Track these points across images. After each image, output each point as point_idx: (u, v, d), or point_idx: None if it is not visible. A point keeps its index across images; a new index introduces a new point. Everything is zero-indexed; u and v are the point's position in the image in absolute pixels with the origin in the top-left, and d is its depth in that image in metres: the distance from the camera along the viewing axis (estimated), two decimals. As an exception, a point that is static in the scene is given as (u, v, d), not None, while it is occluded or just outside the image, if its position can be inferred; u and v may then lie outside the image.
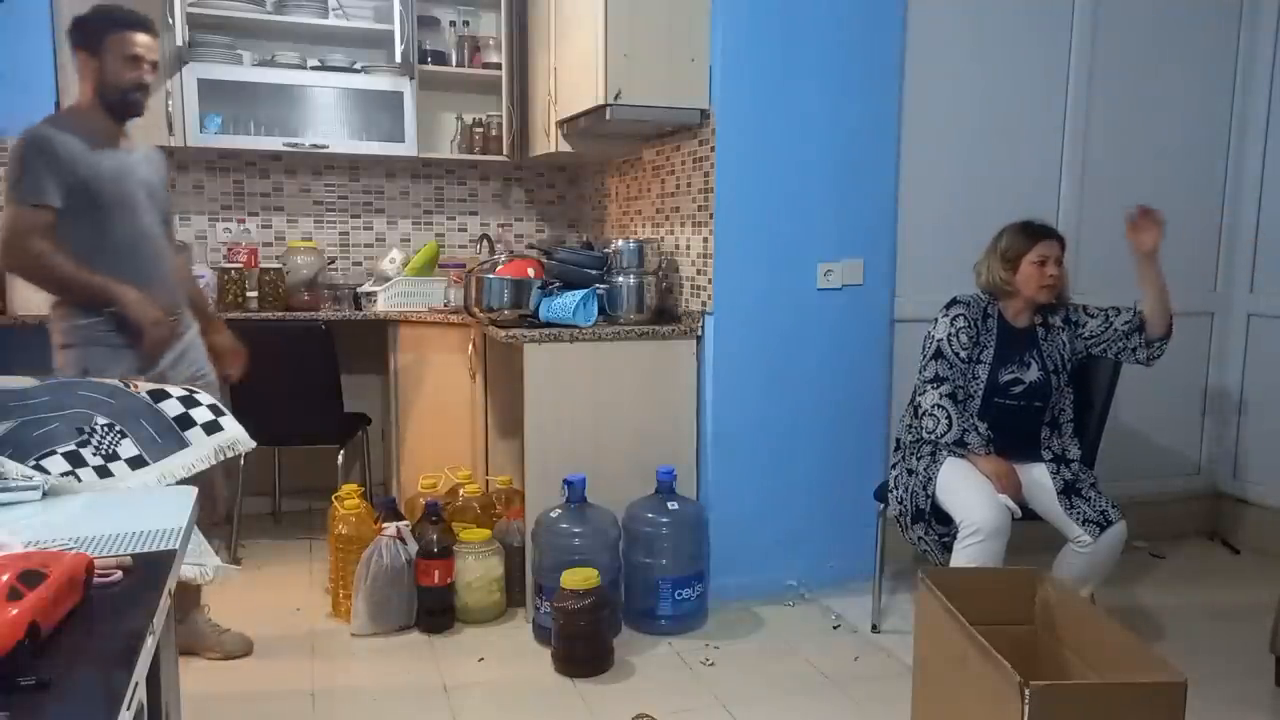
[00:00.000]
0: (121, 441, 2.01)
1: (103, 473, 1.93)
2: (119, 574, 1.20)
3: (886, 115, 3.21)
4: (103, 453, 1.97)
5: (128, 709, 0.89)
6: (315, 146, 3.87)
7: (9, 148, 2.45)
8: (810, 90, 3.09)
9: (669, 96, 3.02)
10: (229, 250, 4.06)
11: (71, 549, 1.23)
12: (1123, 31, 3.52)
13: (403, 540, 2.96)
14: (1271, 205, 3.71)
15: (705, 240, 3.12)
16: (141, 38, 2.49)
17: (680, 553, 2.94)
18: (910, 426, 2.81)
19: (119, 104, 2.50)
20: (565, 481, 2.89)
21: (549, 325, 3.07)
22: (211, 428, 2.22)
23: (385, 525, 2.99)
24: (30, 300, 3.43)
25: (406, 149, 3.97)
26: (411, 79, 3.94)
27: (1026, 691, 1.56)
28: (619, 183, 3.96)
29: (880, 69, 3.18)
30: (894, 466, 2.86)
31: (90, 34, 2.46)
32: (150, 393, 2.21)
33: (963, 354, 2.71)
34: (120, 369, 2.36)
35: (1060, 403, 2.79)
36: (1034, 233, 2.70)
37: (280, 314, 3.76)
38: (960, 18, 3.30)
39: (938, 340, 2.73)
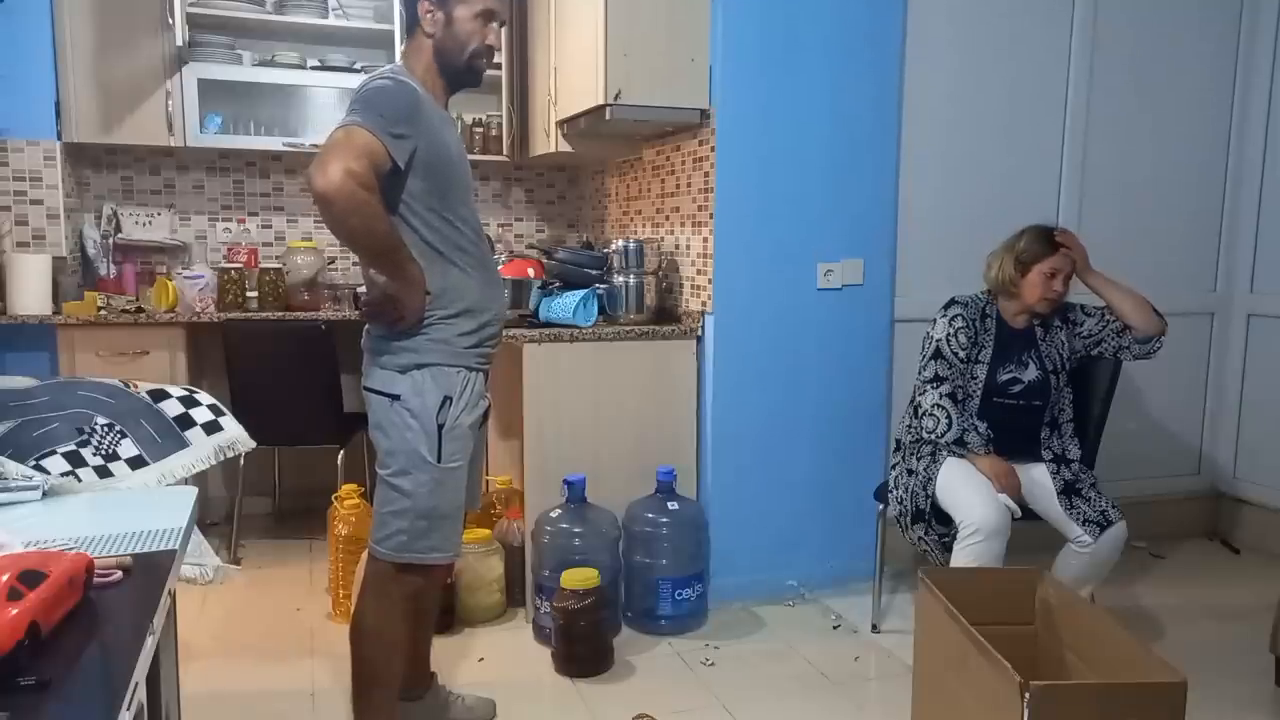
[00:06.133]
0: (121, 441, 2.01)
1: (103, 473, 1.93)
2: (119, 574, 1.20)
3: (886, 115, 3.21)
4: (103, 453, 1.97)
5: (128, 709, 0.89)
6: (315, 146, 3.85)
7: (369, 85, 1.92)
8: (810, 90, 3.09)
9: (669, 96, 3.02)
10: (229, 250, 4.06)
11: (71, 549, 1.23)
12: (1123, 31, 3.52)
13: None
14: (1271, 205, 3.71)
15: (705, 240, 3.11)
16: None
17: (680, 553, 2.93)
18: (910, 426, 2.81)
19: (461, 71, 2.03)
20: (565, 481, 2.89)
21: (549, 325, 3.07)
22: (211, 428, 2.22)
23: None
24: (30, 300, 3.42)
25: (407, 149, 3.96)
26: (411, 79, 3.93)
27: (1026, 692, 1.56)
28: (619, 183, 3.96)
29: (880, 69, 3.18)
30: (894, 466, 2.86)
31: None
32: (150, 392, 2.22)
33: (961, 354, 2.72)
34: (478, 396, 2.05)
35: (1060, 402, 2.79)
36: (1054, 243, 2.70)
37: (280, 314, 3.76)
38: (960, 17, 3.30)
39: (936, 340, 2.73)
